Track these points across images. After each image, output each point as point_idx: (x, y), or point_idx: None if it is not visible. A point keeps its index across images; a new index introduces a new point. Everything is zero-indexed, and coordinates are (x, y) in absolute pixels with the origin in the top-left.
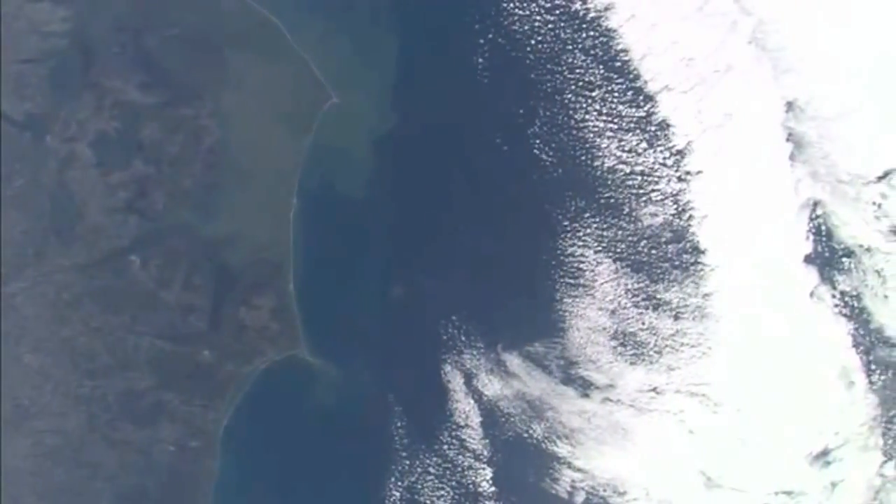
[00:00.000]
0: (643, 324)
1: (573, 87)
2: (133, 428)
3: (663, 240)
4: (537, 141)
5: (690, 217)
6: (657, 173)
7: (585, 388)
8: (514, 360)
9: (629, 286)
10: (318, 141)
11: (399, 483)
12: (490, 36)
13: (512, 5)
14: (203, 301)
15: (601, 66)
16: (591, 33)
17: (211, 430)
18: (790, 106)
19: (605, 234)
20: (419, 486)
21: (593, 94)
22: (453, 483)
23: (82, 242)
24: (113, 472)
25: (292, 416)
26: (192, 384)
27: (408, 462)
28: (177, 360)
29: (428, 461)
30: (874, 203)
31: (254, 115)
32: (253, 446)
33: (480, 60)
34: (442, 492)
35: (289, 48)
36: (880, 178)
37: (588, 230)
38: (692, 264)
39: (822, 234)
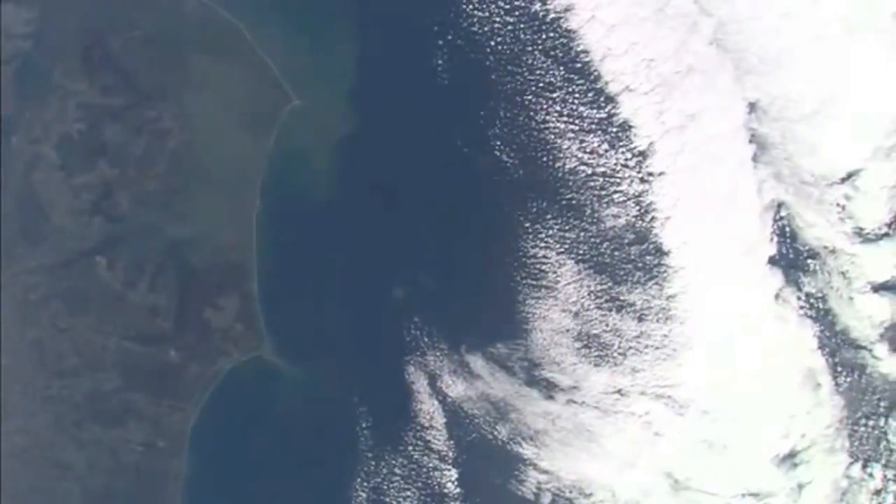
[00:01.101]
0: (607, 325)
1: (533, 88)
2: (101, 428)
3: (626, 241)
4: (498, 142)
5: (653, 218)
6: (619, 175)
7: (549, 389)
8: (477, 362)
9: (592, 288)
10: (280, 143)
11: (365, 484)
12: (449, 38)
13: (471, 7)
14: (168, 302)
15: (561, 68)
16: (551, 35)
17: (178, 430)
18: (753, 107)
19: (567, 235)
20: (385, 487)
21: (554, 95)
22: (419, 484)
23: (49, 244)
24: (82, 472)
25: (258, 417)
26: (158, 384)
27: (373, 463)
28: (143, 360)
29: (393, 462)
30: (838, 204)
31: (216, 117)
32: (220, 446)
33: (440, 62)
34: (408, 492)
35: (250, 51)
36: (844, 180)
37: (550, 231)
38: (655, 266)
39: (787, 235)
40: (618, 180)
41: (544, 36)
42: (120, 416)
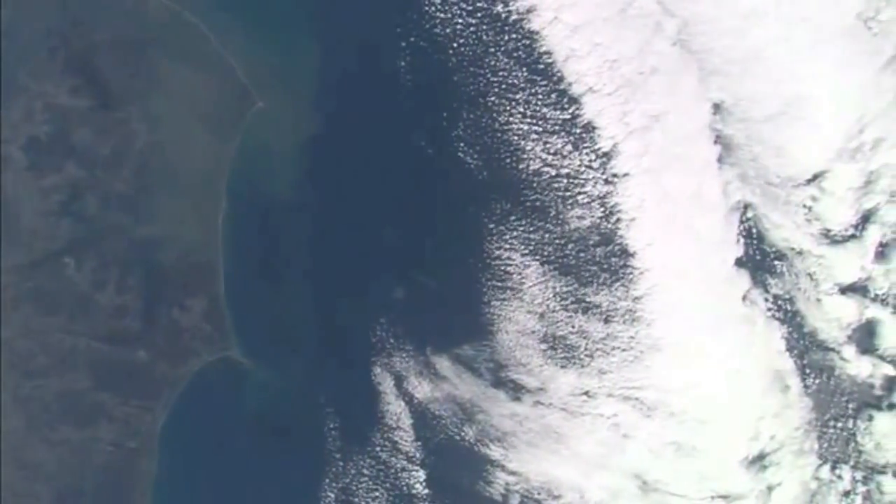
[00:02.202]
0: (573, 327)
1: (496, 89)
2: (72, 428)
3: (591, 243)
4: (461, 144)
5: (618, 220)
6: (583, 176)
7: (516, 391)
8: (443, 363)
9: (558, 289)
10: (245, 145)
11: (334, 484)
12: (412, 39)
13: (433, 8)
14: (137, 302)
15: (524, 69)
16: (514, 36)
17: (148, 430)
18: (717, 108)
19: (531, 236)
20: (354, 488)
21: (517, 96)
22: (387, 485)
23: (18, 245)
24: (52, 472)
25: (227, 416)
26: (128, 385)
27: (342, 463)
28: (113, 360)
29: (361, 462)
30: (805, 206)
31: (182, 118)
32: (189, 446)
33: (403, 64)
34: (376, 493)
35: (215, 53)
36: (810, 181)
37: (514, 233)
38: (621, 267)
39: (753, 236)
40: (582, 182)
41: (507, 37)
42: (90, 416)
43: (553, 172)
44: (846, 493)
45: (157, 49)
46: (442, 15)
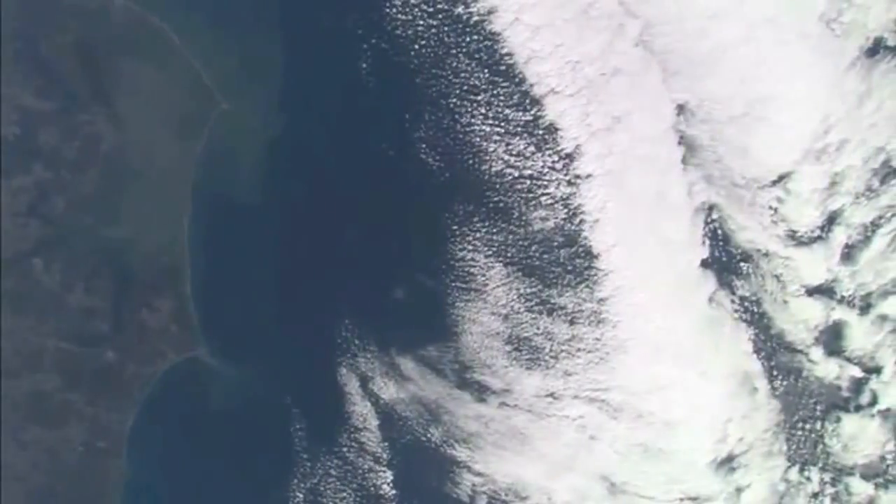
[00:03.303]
0: (538, 329)
1: (458, 91)
2: (42, 429)
3: (555, 244)
4: (423, 145)
5: (582, 221)
6: (546, 177)
7: (481, 392)
8: (408, 364)
9: (522, 291)
10: (210, 146)
11: (302, 485)
12: (373, 41)
13: (394, 10)
14: (104, 303)
15: (486, 70)
16: (475, 37)
17: (117, 430)
18: (681, 109)
19: (495, 238)
20: (322, 488)
21: (479, 98)
22: (354, 485)
23: None
24: (24, 472)
25: (196, 417)
26: (97, 385)
27: (309, 464)
28: (82, 361)
29: (329, 463)
30: (770, 207)
31: (148, 120)
32: (158, 446)
33: (364, 66)
34: (344, 494)
35: (180, 55)
36: (775, 183)
37: (478, 234)
38: (585, 269)
39: (719, 238)
40: (545, 183)
41: (468, 39)
42: (60, 416)
43: (516, 174)
44: (815, 495)
45: (121, 51)
46: (403, 17)
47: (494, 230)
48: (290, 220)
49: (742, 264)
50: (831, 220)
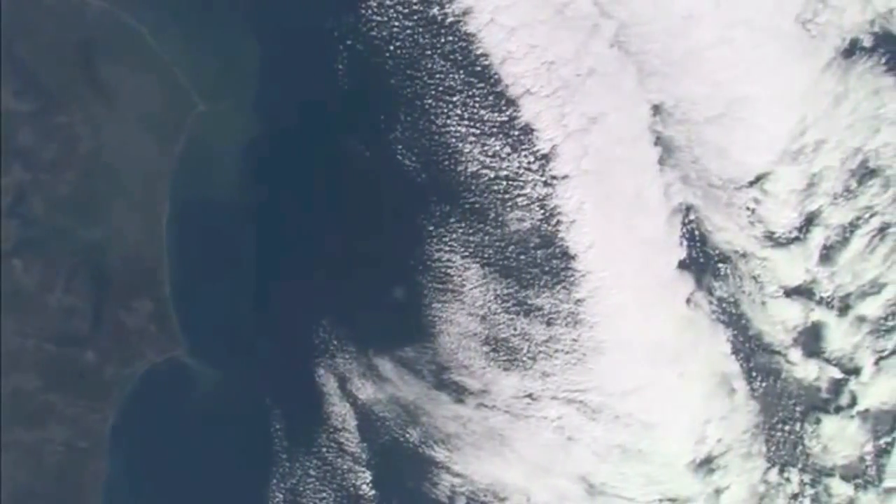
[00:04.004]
0: (515, 329)
1: (433, 92)
2: (23, 429)
3: (531, 245)
4: (399, 146)
5: (558, 222)
6: (522, 178)
7: (459, 393)
8: (385, 365)
9: (499, 291)
10: (187, 147)
11: (281, 485)
12: (349, 42)
13: (370, 12)
14: (84, 304)
15: (461, 71)
16: (450, 38)
17: (97, 430)
18: (657, 109)
19: (471, 239)
20: (301, 489)
21: (454, 98)
22: (334, 486)
23: None
24: (5, 473)
25: (176, 417)
26: (77, 385)
27: (288, 464)
28: (61, 361)
29: (308, 463)
30: (748, 208)
31: (125, 122)
32: (139, 446)
33: (340, 67)
34: (324, 494)
35: (156, 57)
36: (752, 183)
37: (454, 235)
38: (562, 270)
39: (696, 239)
40: (521, 184)
41: (443, 40)
42: (41, 416)
43: (492, 175)
44: (794, 496)
45: (98, 53)
46: (378, 18)
47: (471, 231)
48: (268, 220)
49: (720, 265)
50: (809, 220)
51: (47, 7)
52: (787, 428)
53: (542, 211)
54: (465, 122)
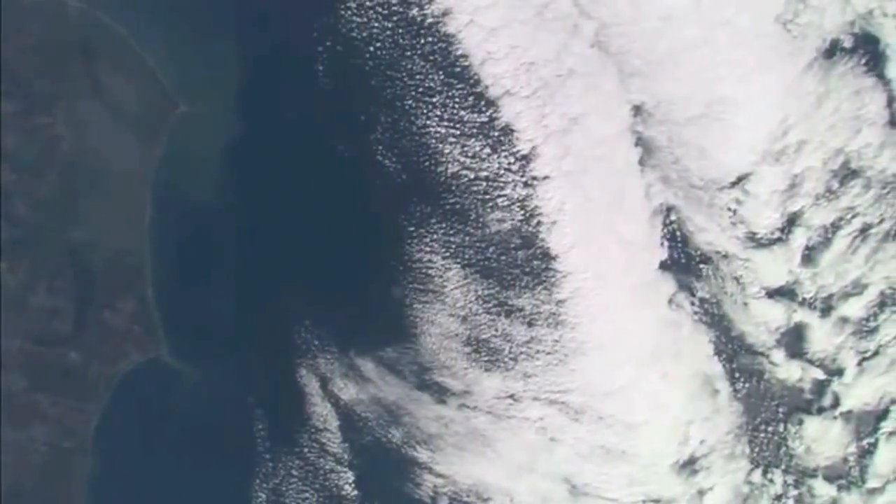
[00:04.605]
0: (496, 330)
1: (413, 93)
2: (9, 429)
3: (512, 246)
4: (380, 147)
5: (539, 223)
6: (502, 179)
7: (441, 393)
8: (367, 365)
9: (479, 292)
10: (168, 148)
11: (264, 485)
12: (329, 43)
13: (349, 13)
14: (67, 305)
15: (441, 72)
16: (430, 39)
17: (81, 430)
18: (638, 110)
19: (452, 239)
20: (284, 489)
21: (434, 99)
22: (317, 486)
23: None
24: None
25: (159, 417)
26: (61, 385)
27: (271, 464)
28: (46, 361)
29: (290, 464)
30: (729, 209)
31: (106, 123)
32: (122, 446)
33: (320, 68)
34: (306, 494)
35: (137, 58)
36: (734, 184)
37: (435, 236)
38: (543, 270)
39: (678, 240)
40: (501, 184)
41: (423, 40)
42: (26, 416)
43: (472, 175)
44: (778, 497)
45: (79, 55)
46: (358, 19)
47: (451, 232)
48: (249, 221)
49: (701, 266)
50: (791, 221)
51: (29, 9)
52: (770, 429)
53: (522, 212)
54: (446, 123)
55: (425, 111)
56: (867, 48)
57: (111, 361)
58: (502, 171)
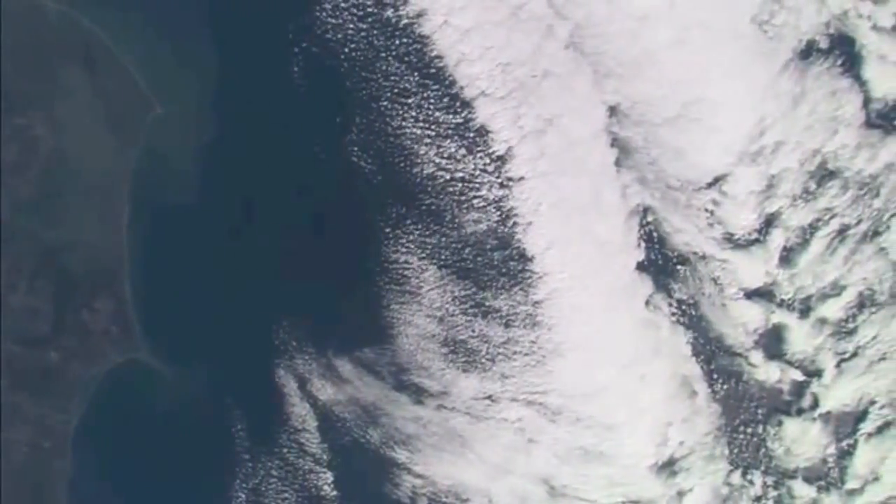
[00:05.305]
0: (473, 331)
1: (388, 94)
2: None
3: (488, 247)
4: (355, 148)
5: (515, 224)
6: (478, 180)
7: (419, 394)
8: (345, 366)
9: (456, 293)
10: (146, 149)
11: (244, 485)
12: (304, 45)
13: (325, 14)
14: (46, 305)
15: (416, 73)
16: (405, 40)
17: (61, 430)
18: (613, 111)
19: (428, 240)
20: (263, 489)
21: (409, 100)
22: (296, 486)
23: None
24: None
25: (139, 417)
26: (41, 385)
27: (251, 464)
28: (26, 361)
29: (270, 464)
30: (706, 210)
31: (85, 125)
32: (102, 446)
33: (296, 69)
34: (286, 494)
35: (114, 59)
36: (711, 185)
37: (411, 237)
38: (520, 271)
39: (655, 241)
40: (477, 185)
41: (398, 42)
42: (7, 417)
43: (447, 176)
44: (757, 499)
45: (57, 55)
46: (333, 20)
47: (427, 233)
48: (227, 222)
49: (679, 267)
50: (769, 222)
51: (5, 10)
52: (749, 430)
53: (498, 213)
54: (421, 124)
55: (401, 112)
56: (843, 49)
57: (90, 362)
58: (478, 172)
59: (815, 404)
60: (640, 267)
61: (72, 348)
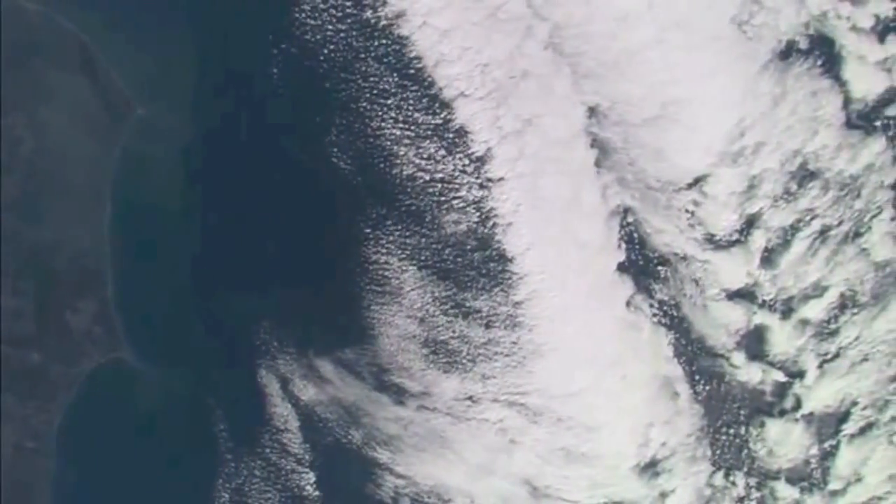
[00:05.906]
0: (454, 332)
1: (368, 94)
2: None
3: (468, 247)
4: (335, 149)
5: (494, 224)
6: (457, 181)
7: (400, 395)
8: (326, 366)
9: (437, 294)
10: (127, 150)
11: (227, 485)
12: (283, 46)
13: (304, 15)
14: (29, 305)
15: (395, 74)
16: (384, 41)
17: (45, 430)
18: (592, 111)
19: (408, 241)
20: (247, 489)
21: (388, 101)
22: (279, 486)
23: None
24: None
25: (122, 417)
26: (25, 386)
27: (233, 465)
28: (9, 362)
29: (252, 464)
30: (687, 210)
31: (66, 125)
32: (85, 446)
33: (275, 70)
34: (269, 494)
35: (95, 60)
36: (691, 185)
37: (391, 237)
38: (500, 272)
39: (635, 241)
40: (456, 186)
41: (376, 43)
42: None
43: (427, 177)
44: (740, 500)
45: (38, 57)
46: (312, 21)
47: (407, 233)
48: (207, 223)
49: (659, 268)
50: (750, 223)
51: None
52: (731, 431)
53: (478, 213)
54: (400, 125)
55: (380, 113)
56: (823, 50)
57: (73, 362)
58: (457, 173)
59: (798, 405)
60: (621, 268)
61: (55, 348)
